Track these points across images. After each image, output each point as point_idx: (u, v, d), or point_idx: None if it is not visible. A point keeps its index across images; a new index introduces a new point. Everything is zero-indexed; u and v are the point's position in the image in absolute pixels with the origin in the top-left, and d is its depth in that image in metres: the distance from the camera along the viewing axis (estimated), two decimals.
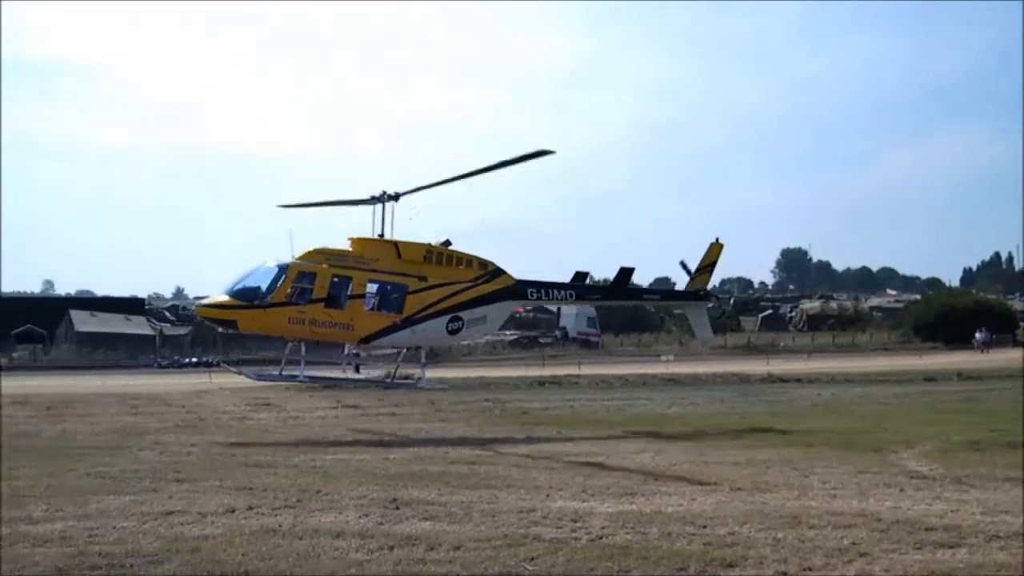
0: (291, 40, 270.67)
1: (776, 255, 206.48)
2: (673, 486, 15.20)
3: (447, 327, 25.40)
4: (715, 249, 29.32)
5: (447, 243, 26.01)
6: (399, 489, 14.82)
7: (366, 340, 25.07)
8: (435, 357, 67.61)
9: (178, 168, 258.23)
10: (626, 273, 27.87)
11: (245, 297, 24.05)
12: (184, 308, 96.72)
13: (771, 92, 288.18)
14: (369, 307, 24.72)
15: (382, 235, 25.34)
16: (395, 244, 25.21)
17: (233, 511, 12.96)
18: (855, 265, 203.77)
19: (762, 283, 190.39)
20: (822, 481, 15.53)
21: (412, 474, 16.48)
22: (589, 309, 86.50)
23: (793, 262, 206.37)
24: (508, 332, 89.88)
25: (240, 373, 27.74)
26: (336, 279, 24.34)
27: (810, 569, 9.98)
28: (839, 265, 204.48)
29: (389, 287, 24.91)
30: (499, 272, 26.32)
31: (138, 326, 78.00)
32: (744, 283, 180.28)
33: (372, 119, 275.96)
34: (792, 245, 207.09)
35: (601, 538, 11.38)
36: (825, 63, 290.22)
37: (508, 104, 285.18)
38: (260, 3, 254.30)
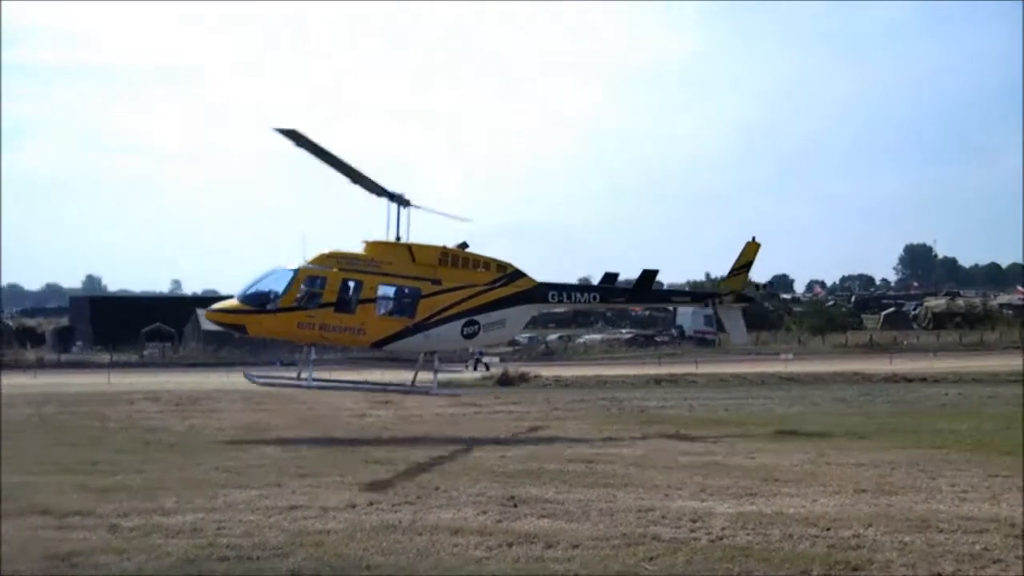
0: (404, 40, 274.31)
1: (899, 252, 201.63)
2: (794, 487, 14.92)
3: (462, 331, 24.90)
4: (751, 249, 27.43)
5: (464, 245, 25.53)
6: (517, 487, 14.88)
7: (378, 345, 24.76)
8: (550, 356, 68.01)
9: (299, 170, 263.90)
10: (649, 275, 26.62)
11: (254, 302, 24.29)
12: None
13: (894, 86, 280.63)
14: (380, 311, 24.49)
15: (398, 238, 25.09)
16: (409, 247, 24.96)
17: (354, 506, 13.19)
18: (983, 261, 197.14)
19: (884, 280, 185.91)
20: (951, 484, 15.04)
21: (529, 472, 16.52)
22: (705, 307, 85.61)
23: (917, 259, 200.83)
24: (624, 331, 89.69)
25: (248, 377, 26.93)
26: (346, 283, 24.24)
27: (939, 575, 9.69)
28: (966, 261, 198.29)
29: (401, 291, 24.68)
30: (518, 275, 25.56)
31: None
32: (865, 280, 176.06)
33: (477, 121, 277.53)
34: (916, 241, 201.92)
35: (721, 539, 11.24)
36: (954, 54, 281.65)
37: (615, 103, 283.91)
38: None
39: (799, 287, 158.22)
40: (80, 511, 12.69)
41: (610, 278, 27.09)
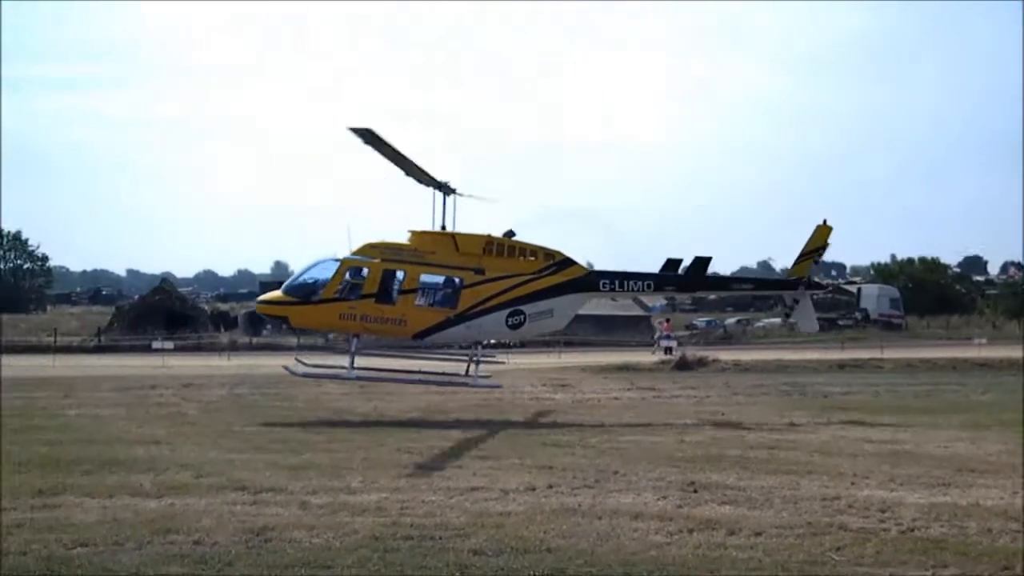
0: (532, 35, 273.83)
1: None
2: (991, 478, 14.22)
3: (507, 321, 24.26)
4: (822, 232, 25.63)
5: (510, 234, 24.88)
6: (697, 472, 14.69)
7: (420, 335, 24.54)
8: (729, 340, 66.82)
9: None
10: (702, 262, 25.42)
11: (298, 293, 24.44)
12: None
13: None
14: (421, 302, 24.22)
15: (443, 227, 24.80)
16: (453, 236, 24.58)
17: (534, 489, 13.28)
18: None
19: None
20: None
21: (710, 457, 16.29)
22: (892, 290, 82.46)
23: None
24: None
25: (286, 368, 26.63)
26: (388, 274, 23.94)
27: None
28: None
29: (442, 281, 24.35)
30: (567, 263, 24.84)
31: None
32: None
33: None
34: None
35: (912, 530, 10.82)
36: None
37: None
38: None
39: (993, 269, 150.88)
40: (273, 488, 13.21)
41: (672, 265, 25.63)
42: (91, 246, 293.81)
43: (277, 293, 25.34)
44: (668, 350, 47.24)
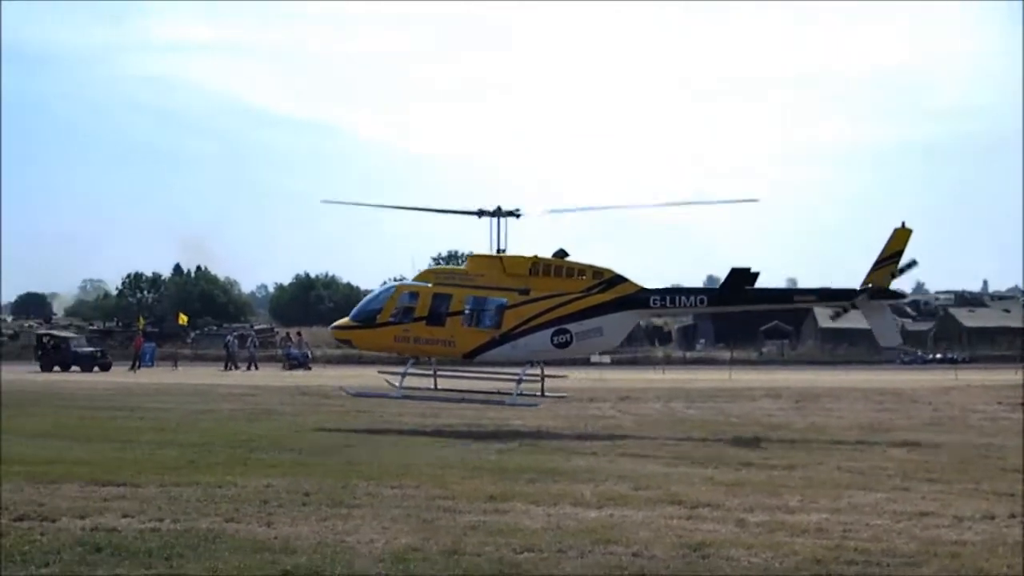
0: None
1: None
2: None
3: (552, 340, 24.40)
4: (901, 236, 23.73)
5: (561, 254, 25.09)
6: None
7: (469, 355, 25.10)
8: None
9: None
10: (740, 274, 24.19)
11: (360, 317, 25.86)
12: (926, 303, 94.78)
13: None
14: (467, 324, 24.71)
15: (500, 250, 25.47)
16: (501, 259, 25.15)
17: (993, 518, 12.15)
18: None
19: None
20: None
21: None
22: None
23: None
24: None
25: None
26: (438, 297, 24.72)
27: None
28: None
29: (486, 302, 24.79)
30: (617, 280, 24.61)
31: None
32: None
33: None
34: None
35: None
36: None
37: None
38: None
39: None
40: (709, 503, 13.10)
41: (739, 275, 24.38)
42: None
43: (346, 319, 26.87)
44: None
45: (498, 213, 25.62)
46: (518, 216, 25.87)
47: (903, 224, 24.06)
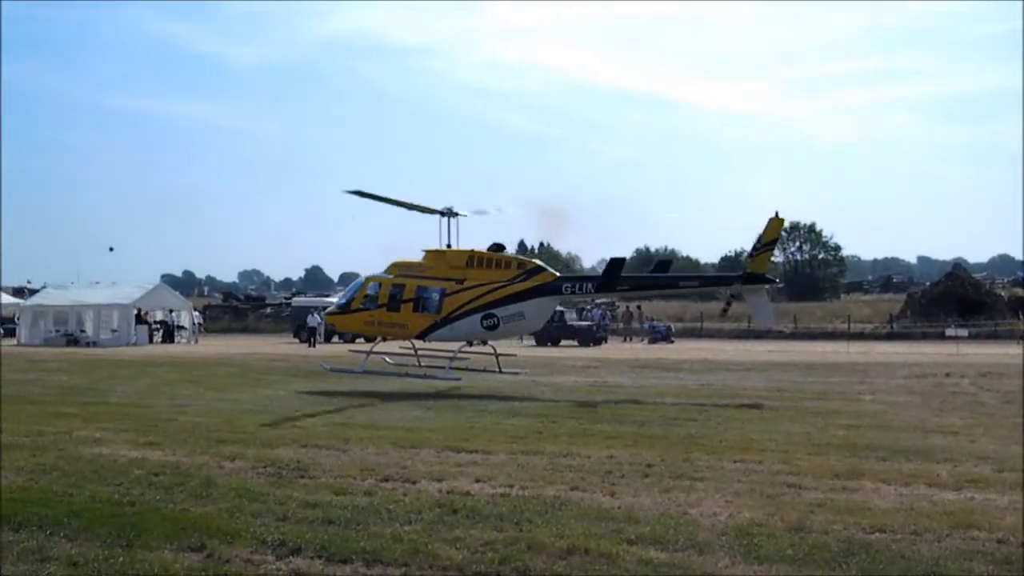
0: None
1: None
2: None
3: (482, 323, 27.13)
4: (775, 225, 26.02)
5: (497, 247, 27.76)
6: None
7: (419, 336, 28.11)
8: None
9: None
10: (616, 263, 26.67)
11: (341, 305, 29.70)
12: None
13: None
14: (417, 309, 27.56)
15: (448, 245, 28.05)
16: (445, 253, 27.83)
17: None
18: None
19: None
20: None
21: None
22: None
23: None
24: None
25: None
26: (395, 287, 27.90)
27: None
28: None
29: (431, 291, 27.59)
30: (538, 270, 27.46)
31: None
32: None
33: None
34: None
35: None
36: None
37: None
38: None
39: None
40: None
41: (614, 264, 26.72)
42: (882, 234, 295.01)
43: (333, 307, 31.23)
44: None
45: (448, 213, 28.15)
46: (459, 215, 28.37)
47: (776, 214, 25.83)
